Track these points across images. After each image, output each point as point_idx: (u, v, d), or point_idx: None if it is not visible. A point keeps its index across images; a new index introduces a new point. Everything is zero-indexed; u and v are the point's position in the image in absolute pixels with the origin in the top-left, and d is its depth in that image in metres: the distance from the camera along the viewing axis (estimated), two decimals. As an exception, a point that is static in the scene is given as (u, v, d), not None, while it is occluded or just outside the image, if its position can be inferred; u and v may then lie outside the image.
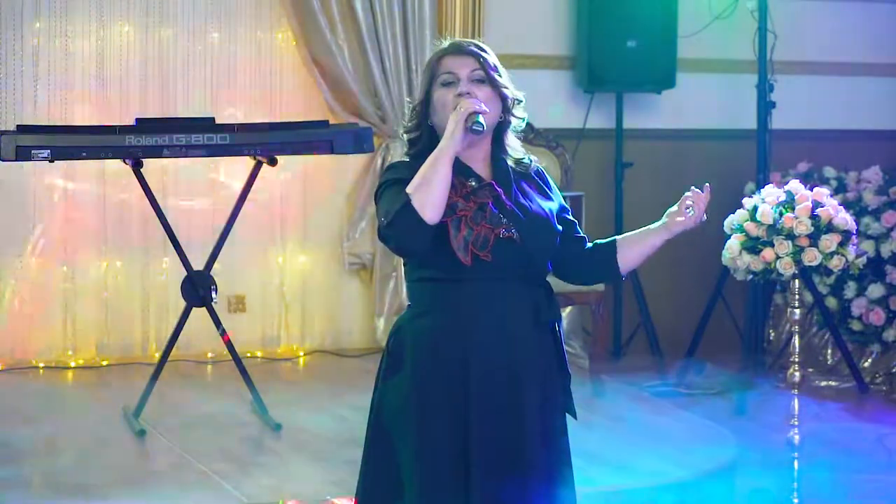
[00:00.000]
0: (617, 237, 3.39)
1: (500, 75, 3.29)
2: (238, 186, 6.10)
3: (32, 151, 5.58)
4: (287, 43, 7.15)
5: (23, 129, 5.78)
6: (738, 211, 5.04)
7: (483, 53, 3.29)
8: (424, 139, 3.31)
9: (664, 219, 3.35)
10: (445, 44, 3.34)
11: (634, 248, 3.35)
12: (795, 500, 4.92)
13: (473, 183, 3.24)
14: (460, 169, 3.23)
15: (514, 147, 3.34)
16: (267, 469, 5.25)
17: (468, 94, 3.23)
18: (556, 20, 7.43)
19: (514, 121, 3.33)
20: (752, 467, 5.33)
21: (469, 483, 3.17)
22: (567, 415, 3.33)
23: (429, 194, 3.10)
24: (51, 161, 5.72)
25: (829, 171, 7.41)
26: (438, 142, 3.20)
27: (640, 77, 7.28)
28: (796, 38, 7.58)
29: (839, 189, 7.21)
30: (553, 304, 3.30)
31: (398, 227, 3.12)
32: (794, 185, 5.05)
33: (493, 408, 3.19)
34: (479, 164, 3.30)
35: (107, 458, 5.32)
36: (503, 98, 3.29)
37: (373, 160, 7.16)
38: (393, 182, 3.22)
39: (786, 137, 7.38)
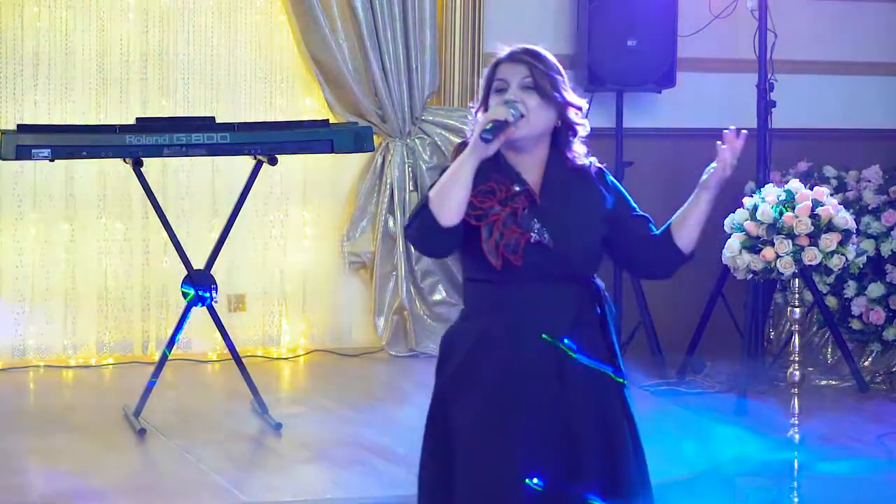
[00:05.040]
0: (670, 221, 3.40)
1: (551, 84, 3.28)
2: (238, 186, 6.10)
3: (33, 151, 5.58)
4: (287, 42, 7.14)
5: (23, 129, 5.78)
6: (738, 210, 5.04)
7: (536, 62, 3.29)
8: None
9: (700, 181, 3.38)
10: (505, 51, 3.34)
11: (685, 222, 3.39)
12: (795, 500, 4.91)
13: (517, 188, 3.25)
14: (508, 174, 3.26)
15: (578, 154, 3.37)
16: (267, 469, 5.25)
17: (515, 100, 3.24)
18: (556, 19, 7.42)
19: (576, 128, 3.34)
20: (752, 467, 5.32)
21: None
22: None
23: (445, 199, 3.15)
24: (51, 160, 5.73)
25: (829, 170, 7.39)
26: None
27: (640, 76, 7.26)
28: (796, 37, 7.57)
29: (839, 188, 7.20)
30: (600, 303, 3.31)
31: (416, 228, 3.19)
32: (794, 184, 5.05)
33: (544, 418, 3.20)
34: (532, 169, 3.31)
35: (107, 457, 5.32)
36: (559, 106, 3.29)
37: (373, 159, 7.16)
38: (438, 179, 3.26)
39: (786, 136, 7.35)
